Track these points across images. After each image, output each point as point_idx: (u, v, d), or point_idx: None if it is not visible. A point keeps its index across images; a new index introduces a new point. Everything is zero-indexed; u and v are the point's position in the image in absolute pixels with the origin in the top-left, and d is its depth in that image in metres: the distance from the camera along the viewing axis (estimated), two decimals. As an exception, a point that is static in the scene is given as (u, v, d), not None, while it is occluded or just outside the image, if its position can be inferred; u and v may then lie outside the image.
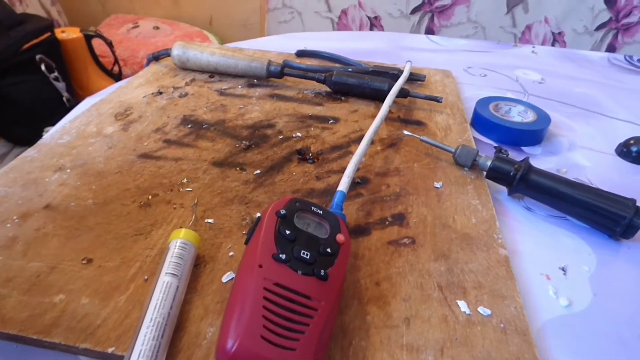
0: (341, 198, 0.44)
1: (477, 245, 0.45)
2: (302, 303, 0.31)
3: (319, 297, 0.31)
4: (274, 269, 0.32)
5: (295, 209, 0.37)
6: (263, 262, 0.32)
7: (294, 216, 0.36)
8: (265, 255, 0.33)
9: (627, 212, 0.46)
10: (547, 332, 0.38)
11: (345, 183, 0.46)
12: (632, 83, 0.93)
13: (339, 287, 0.33)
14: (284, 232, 0.34)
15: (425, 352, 0.34)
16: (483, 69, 0.95)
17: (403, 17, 2.15)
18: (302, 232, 0.35)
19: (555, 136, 0.69)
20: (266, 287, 0.30)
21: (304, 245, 0.34)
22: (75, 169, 0.51)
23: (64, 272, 0.38)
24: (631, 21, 1.96)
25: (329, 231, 0.37)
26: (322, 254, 0.34)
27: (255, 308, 0.29)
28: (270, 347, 0.28)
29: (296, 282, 0.32)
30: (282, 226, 0.35)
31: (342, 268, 0.34)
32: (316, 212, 0.38)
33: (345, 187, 0.45)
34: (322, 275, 0.32)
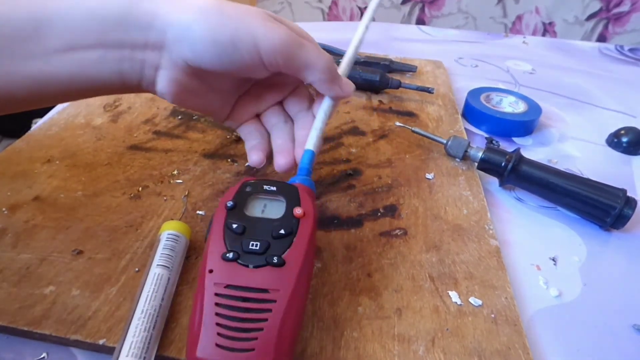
0: (307, 160, 0.39)
1: (468, 236, 0.45)
2: (258, 299, 0.29)
3: (276, 286, 0.29)
4: (224, 270, 0.30)
5: (246, 195, 0.35)
6: (213, 265, 0.30)
7: (245, 204, 0.34)
8: (215, 257, 0.31)
9: (618, 203, 0.46)
10: (537, 322, 0.39)
11: (315, 138, 0.40)
12: (623, 73, 0.93)
13: (299, 268, 0.31)
14: (231, 226, 0.32)
15: (416, 343, 0.34)
16: (474, 59, 0.95)
17: (394, 8, 2.14)
18: (252, 220, 0.33)
19: (546, 127, 0.69)
20: (217, 293, 0.29)
21: (254, 234, 0.32)
22: (64, 160, 0.50)
23: (54, 264, 0.38)
24: (622, 11, 1.96)
25: (285, 208, 0.34)
26: (276, 237, 0.32)
27: (208, 317, 0.28)
28: (226, 353, 0.27)
29: (248, 278, 0.30)
30: (230, 219, 0.33)
31: (302, 245, 0.32)
32: (269, 189, 0.35)
33: (314, 143, 0.40)
34: (276, 262, 0.30)
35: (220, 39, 0.33)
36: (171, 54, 0.34)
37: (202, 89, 0.38)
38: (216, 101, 0.41)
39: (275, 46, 0.34)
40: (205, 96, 0.39)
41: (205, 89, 0.38)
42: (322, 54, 0.37)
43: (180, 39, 0.33)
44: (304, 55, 0.36)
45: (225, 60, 0.34)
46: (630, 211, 0.46)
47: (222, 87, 0.40)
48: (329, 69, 0.38)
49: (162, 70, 0.35)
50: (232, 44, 0.33)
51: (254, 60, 0.34)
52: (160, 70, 0.35)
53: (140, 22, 0.33)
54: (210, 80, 0.38)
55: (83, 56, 0.32)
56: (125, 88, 0.36)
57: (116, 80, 0.34)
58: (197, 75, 0.36)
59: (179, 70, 0.35)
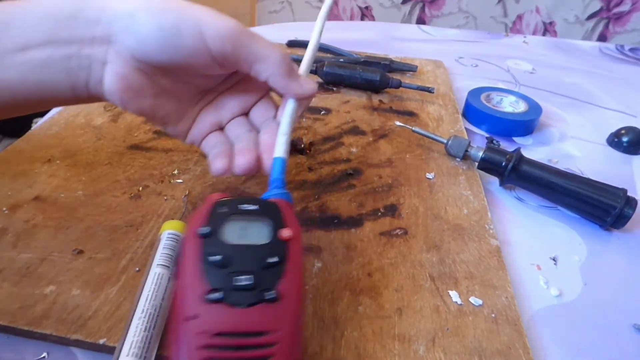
0: (279, 169, 0.35)
1: (468, 236, 0.45)
2: (256, 344, 0.25)
3: (275, 326, 0.25)
4: (210, 314, 0.25)
5: (221, 218, 0.29)
6: (194, 310, 0.25)
7: (222, 229, 0.29)
8: (194, 300, 0.25)
9: (618, 202, 0.46)
10: (537, 322, 0.39)
11: (284, 144, 0.36)
12: (623, 72, 0.93)
13: (297, 300, 0.27)
14: (210, 259, 0.27)
15: (417, 342, 0.34)
16: (474, 59, 0.95)
17: (394, 7, 2.14)
18: (234, 249, 0.28)
19: (546, 126, 0.69)
20: (205, 345, 0.24)
21: (241, 265, 0.27)
22: (65, 160, 0.50)
23: (54, 263, 0.38)
24: (622, 10, 1.96)
25: (270, 229, 0.29)
26: (266, 267, 0.27)
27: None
28: None
29: (241, 321, 0.25)
30: (207, 250, 0.27)
31: (296, 273, 0.27)
32: (248, 209, 0.30)
33: (283, 150, 0.36)
34: (270, 298, 0.26)
35: (163, 24, 0.32)
36: (117, 46, 0.32)
37: (153, 90, 0.36)
38: (171, 108, 0.38)
39: (221, 33, 0.32)
40: (158, 100, 0.36)
41: (156, 90, 0.36)
42: (275, 47, 0.35)
43: (125, 28, 0.32)
44: (254, 45, 0.34)
45: (169, 49, 0.32)
46: (630, 211, 0.46)
47: (177, 92, 0.37)
48: (283, 63, 0.35)
49: (108, 66, 0.33)
50: (176, 29, 0.32)
51: (199, 49, 0.32)
52: (106, 66, 0.33)
53: (89, 17, 0.32)
54: (162, 82, 0.36)
55: (33, 56, 0.31)
56: (75, 92, 0.34)
57: (64, 82, 0.33)
58: (145, 73, 0.34)
59: (125, 64, 0.33)
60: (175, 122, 0.39)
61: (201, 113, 0.40)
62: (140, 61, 0.33)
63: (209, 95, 0.40)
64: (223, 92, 0.40)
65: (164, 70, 0.34)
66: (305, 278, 0.31)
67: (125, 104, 0.35)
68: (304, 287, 0.31)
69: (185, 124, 0.39)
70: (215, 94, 0.40)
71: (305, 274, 0.31)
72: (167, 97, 0.37)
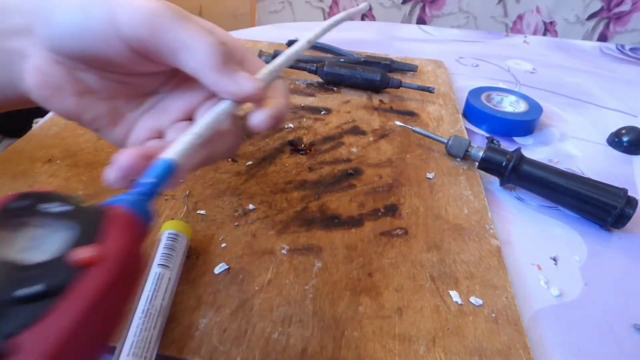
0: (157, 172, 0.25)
1: (469, 236, 0.45)
2: None
3: None
4: None
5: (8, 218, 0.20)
6: None
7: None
8: None
9: (618, 202, 0.46)
10: (538, 322, 0.39)
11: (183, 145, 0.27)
12: (624, 72, 0.93)
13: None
14: None
15: (417, 342, 0.34)
16: (475, 59, 0.95)
17: (394, 7, 2.14)
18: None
19: (546, 126, 0.69)
20: None
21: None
22: (65, 160, 0.50)
23: (54, 264, 0.38)
24: (623, 10, 1.96)
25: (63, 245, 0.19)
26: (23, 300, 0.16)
27: None
28: None
29: None
30: None
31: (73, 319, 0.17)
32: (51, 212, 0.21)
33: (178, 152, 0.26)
34: None
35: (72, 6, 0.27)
36: (35, 36, 0.29)
37: (76, 88, 0.31)
38: (102, 111, 0.32)
39: (136, 15, 0.26)
40: (84, 99, 0.31)
41: (80, 88, 0.31)
42: (206, 34, 0.28)
43: (42, 15, 0.28)
44: (177, 31, 0.27)
45: (78, 35, 0.27)
46: (631, 211, 0.46)
47: (109, 92, 0.32)
48: (214, 52, 0.28)
49: (27, 59, 0.29)
50: (84, 10, 0.27)
51: (109, 34, 0.27)
52: (26, 60, 0.29)
53: (9, 5, 0.29)
54: (86, 79, 0.31)
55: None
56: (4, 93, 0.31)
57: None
58: (65, 67, 0.30)
59: (43, 57, 0.29)
60: (109, 127, 0.33)
61: (141, 118, 0.34)
62: (56, 53, 0.29)
63: (151, 98, 0.34)
64: (167, 93, 0.34)
65: (86, 64, 0.30)
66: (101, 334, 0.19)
67: (46, 102, 0.30)
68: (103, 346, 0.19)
69: (122, 129, 0.33)
70: (159, 97, 0.34)
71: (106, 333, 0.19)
72: (97, 98, 0.32)
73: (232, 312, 0.35)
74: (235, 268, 0.39)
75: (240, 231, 0.43)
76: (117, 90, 0.32)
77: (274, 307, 0.36)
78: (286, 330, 0.34)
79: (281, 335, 0.34)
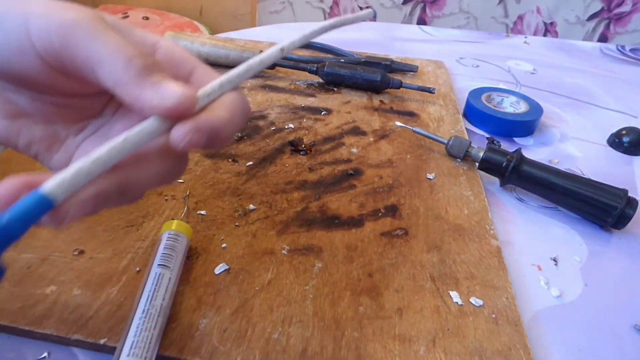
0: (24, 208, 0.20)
1: (469, 237, 0.45)
2: None
3: None
4: None
5: None
6: None
7: None
8: None
9: (619, 203, 0.46)
10: (538, 323, 0.39)
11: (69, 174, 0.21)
12: (624, 73, 0.93)
13: None
14: None
15: (417, 343, 0.34)
16: (475, 59, 0.95)
17: (395, 8, 2.14)
18: None
19: (547, 127, 0.69)
20: None
21: None
22: (66, 160, 0.50)
23: (55, 263, 0.38)
24: (623, 11, 1.96)
25: None
26: None
27: None
28: None
29: None
30: None
31: None
32: None
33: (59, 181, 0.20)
34: None
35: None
36: None
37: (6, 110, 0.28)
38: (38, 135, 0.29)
39: (49, 26, 0.23)
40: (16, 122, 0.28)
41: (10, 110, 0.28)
42: (126, 48, 0.24)
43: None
44: (95, 44, 0.23)
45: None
46: (631, 211, 0.46)
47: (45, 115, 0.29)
48: (131, 65, 0.23)
49: None
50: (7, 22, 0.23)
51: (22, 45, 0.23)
52: None
53: None
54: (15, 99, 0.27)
55: None
56: None
57: None
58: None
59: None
60: (47, 153, 0.29)
61: (83, 144, 0.30)
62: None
63: (94, 121, 0.30)
64: (110, 117, 0.31)
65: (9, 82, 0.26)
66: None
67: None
68: None
69: (62, 156, 0.30)
70: (102, 121, 0.30)
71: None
72: (32, 121, 0.28)
73: (232, 312, 0.35)
74: (236, 268, 0.39)
75: (240, 231, 0.43)
76: (53, 113, 0.29)
77: (274, 308, 0.36)
78: (286, 331, 0.34)
79: (281, 336, 0.34)
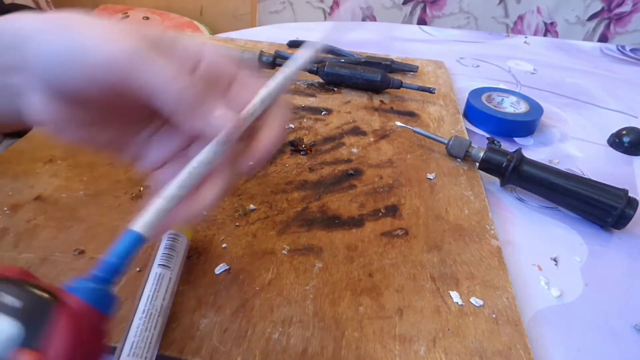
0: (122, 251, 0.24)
1: (469, 237, 0.45)
2: None
3: None
4: None
5: None
6: None
7: None
8: None
9: (619, 203, 0.46)
10: (538, 322, 0.39)
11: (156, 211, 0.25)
12: (624, 73, 0.93)
13: None
14: None
15: (417, 343, 0.34)
16: (475, 59, 0.95)
17: (395, 8, 2.14)
18: None
19: (547, 127, 0.69)
20: None
21: None
22: (66, 160, 0.50)
23: (55, 263, 0.38)
24: (623, 11, 1.96)
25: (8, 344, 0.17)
26: None
27: None
28: None
29: None
30: None
31: None
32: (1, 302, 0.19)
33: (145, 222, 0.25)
34: None
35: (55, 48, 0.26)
36: (29, 73, 0.28)
37: (78, 120, 0.30)
38: (108, 138, 0.31)
39: (105, 61, 0.25)
40: (89, 129, 0.31)
41: (82, 119, 0.30)
42: (178, 77, 0.26)
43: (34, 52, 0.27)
44: (148, 75, 0.25)
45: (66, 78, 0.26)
46: (631, 211, 0.46)
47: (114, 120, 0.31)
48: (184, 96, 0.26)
49: (27, 97, 0.29)
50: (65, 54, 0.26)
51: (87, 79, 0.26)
52: (25, 97, 0.29)
53: (4, 41, 0.28)
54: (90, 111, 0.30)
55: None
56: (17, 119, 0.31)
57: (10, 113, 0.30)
58: (64, 101, 0.28)
59: (43, 94, 0.28)
60: (122, 151, 0.32)
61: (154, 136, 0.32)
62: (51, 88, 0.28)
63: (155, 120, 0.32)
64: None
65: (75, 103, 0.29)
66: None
67: (53, 135, 0.30)
68: None
69: (134, 150, 0.32)
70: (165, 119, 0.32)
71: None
72: (101, 128, 0.31)
73: (232, 312, 0.35)
74: (236, 268, 0.39)
75: (240, 231, 0.43)
76: (118, 119, 0.31)
77: (274, 308, 0.36)
78: (287, 331, 0.34)
79: (281, 336, 0.34)
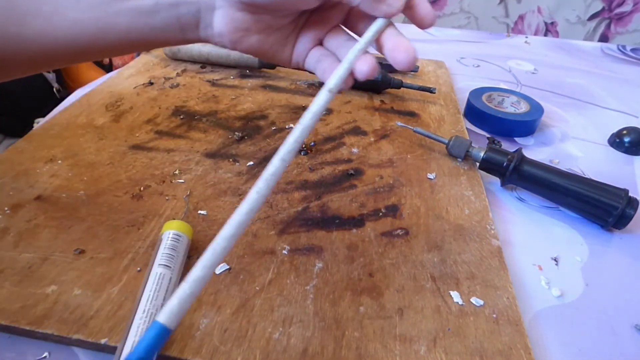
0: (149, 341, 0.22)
1: (470, 236, 0.45)
2: None
3: None
4: None
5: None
6: None
7: None
8: None
9: (619, 203, 0.46)
10: (539, 322, 0.39)
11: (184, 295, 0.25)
12: (625, 73, 0.93)
13: None
14: None
15: (418, 343, 0.34)
16: (476, 59, 0.95)
17: (396, 7, 2.14)
18: None
19: (547, 127, 0.69)
20: None
21: None
22: (66, 160, 0.50)
23: (55, 263, 0.38)
24: (624, 11, 1.96)
25: None
26: None
27: None
28: None
29: None
30: None
31: None
32: None
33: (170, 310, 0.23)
34: None
35: None
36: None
37: (259, 27, 0.36)
38: (276, 41, 0.38)
39: None
40: (264, 35, 0.36)
41: (262, 27, 0.36)
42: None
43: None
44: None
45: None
46: (632, 211, 0.46)
47: (280, 23, 0.37)
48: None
49: (217, 11, 0.34)
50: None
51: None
52: (215, 11, 0.34)
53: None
54: (266, 18, 0.35)
55: (140, 2, 0.33)
56: (185, 35, 0.35)
57: (174, 26, 0.34)
58: (251, 12, 0.34)
59: (233, 7, 0.33)
60: (280, 53, 0.39)
61: (300, 37, 0.39)
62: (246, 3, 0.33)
63: (302, 17, 0.38)
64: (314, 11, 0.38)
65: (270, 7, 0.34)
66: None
67: (235, 45, 0.36)
68: None
69: (288, 50, 0.39)
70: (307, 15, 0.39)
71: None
72: (273, 31, 0.37)
73: (233, 312, 0.35)
74: (236, 268, 0.39)
75: (241, 231, 0.43)
76: (284, 20, 0.36)
77: (274, 308, 0.36)
78: (287, 331, 0.34)
79: (282, 336, 0.34)
